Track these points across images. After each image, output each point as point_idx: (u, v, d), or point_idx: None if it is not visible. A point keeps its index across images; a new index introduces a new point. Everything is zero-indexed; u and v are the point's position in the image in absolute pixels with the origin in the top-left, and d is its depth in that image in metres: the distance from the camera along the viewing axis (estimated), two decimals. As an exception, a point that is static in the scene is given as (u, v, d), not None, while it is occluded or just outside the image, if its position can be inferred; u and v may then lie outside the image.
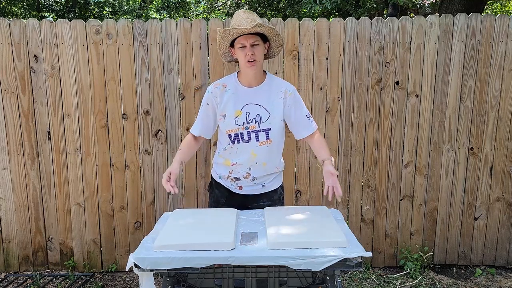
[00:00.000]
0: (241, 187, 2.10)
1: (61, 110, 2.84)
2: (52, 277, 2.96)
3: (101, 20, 2.81)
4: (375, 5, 6.15)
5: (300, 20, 2.80)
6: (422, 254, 3.01)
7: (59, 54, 2.78)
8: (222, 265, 1.56)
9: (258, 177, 2.07)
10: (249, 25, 1.83)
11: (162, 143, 2.90)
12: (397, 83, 2.87)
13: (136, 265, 1.44)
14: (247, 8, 9.42)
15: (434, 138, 2.94)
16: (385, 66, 2.85)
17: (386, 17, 3.06)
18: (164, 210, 2.93)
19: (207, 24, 2.80)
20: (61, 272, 3.01)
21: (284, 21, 2.79)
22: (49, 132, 2.87)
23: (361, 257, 1.44)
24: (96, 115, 2.85)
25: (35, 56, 2.78)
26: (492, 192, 3.01)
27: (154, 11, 11.55)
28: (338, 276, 1.62)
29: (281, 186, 2.19)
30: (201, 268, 1.44)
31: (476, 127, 2.93)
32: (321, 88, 2.86)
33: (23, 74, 2.80)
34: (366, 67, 2.84)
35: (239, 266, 1.65)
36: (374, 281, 2.90)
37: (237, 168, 2.05)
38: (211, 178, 2.22)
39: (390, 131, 2.93)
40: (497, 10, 10.05)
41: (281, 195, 2.20)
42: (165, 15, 11.18)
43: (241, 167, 2.04)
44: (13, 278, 2.93)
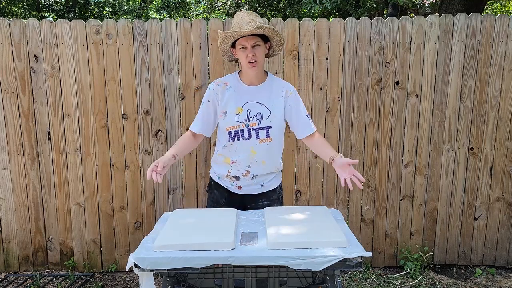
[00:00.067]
0: (240, 187, 2.10)
1: (61, 110, 2.84)
2: (52, 277, 2.96)
3: (101, 20, 2.81)
4: (375, 5, 6.15)
5: (300, 20, 2.80)
6: (422, 254, 3.01)
7: (59, 54, 2.78)
8: (222, 265, 1.55)
9: (257, 175, 2.07)
10: (250, 26, 1.85)
11: (162, 143, 2.90)
12: (397, 83, 2.87)
13: (136, 265, 1.44)
14: (247, 8, 9.42)
15: (434, 138, 2.94)
16: (385, 66, 2.85)
17: (386, 17, 3.06)
18: (164, 210, 2.94)
19: (207, 24, 2.80)
20: (61, 272, 3.01)
21: (284, 21, 2.79)
22: (49, 132, 2.87)
23: (361, 257, 1.44)
24: (96, 115, 2.85)
25: (35, 56, 2.78)
26: (492, 192, 3.01)
27: (154, 11, 11.55)
28: (338, 276, 1.62)
29: (280, 186, 2.20)
30: (201, 268, 1.44)
31: (476, 127, 2.93)
32: (321, 88, 2.86)
33: (23, 74, 2.80)
34: (366, 67, 2.84)
35: (239, 266, 1.65)
36: (374, 281, 2.90)
37: (236, 165, 2.05)
38: (210, 179, 2.22)
39: (390, 131, 2.93)
40: (497, 10, 10.05)
41: (280, 194, 2.20)
42: (165, 15, 11.18)
43: (241, 165, 2.04)
44: (13, 278, 2.93)
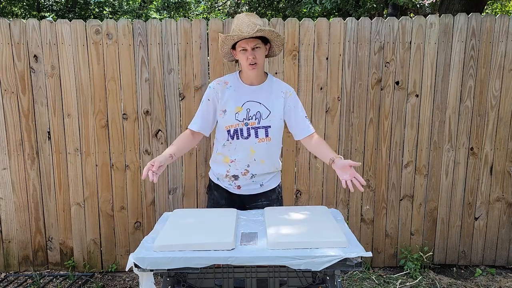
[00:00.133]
0: (239, 187, 2.11)
1: (61, 110, 2.84)
2: (52, 277, 2.96)
3: (101, 20, 2.81)
4: (375, 5, 6.15)
5: (300, 20, 2.80)
6: (422, 254, 3.01)
7: (59, 54, 2.78)
8: (222, 265, 1.55)
9: (256, 174, 2.07)
10: (250, 29, 1.87)
11: (162, 143, 2.90)
12: (397, 83, 2.87)
13: (136, 265, 1.44)
14: (247, 8, 9.42)
15: (434, 138, 2.94)
16: (385, 66, 2.85)
17: (386, 17, 3.06)
18: (164, 210, 2.93)
19: (207, 24, 2.80)
20: (61, 272, 3.01)
21: (284, 21, 2.79)
22: (49, 132, 2.87)
23: (361, 257, 1.44)
24: (96, 115, 2.85)
25: (35, 56, 2.78)
26: (492, 192, 3.01)
27: (154, 11, 11.55)
28: (338, 276, 1.62)
29: (279, 186, 2.20)
30: (201, 268, 1.44)
31: (476, 127, 2.93)
32: (321, 88, 2.86)
33: (23, 74, 2.80)
34: (366, 67, 2.84)
35: (239, 266, 1.65)
36: (374, 281, 2.90)
37: (235, 165, 2.06)
38: (209, 180, 2.23)
39: (390, 131, 2.93)
40: (497, 10, 10.05)
41: (280, 194, 2.20)
42: (165, 15, 11.18)
43: (240, 164, 2.05)
44: (13, 278, 2.93)
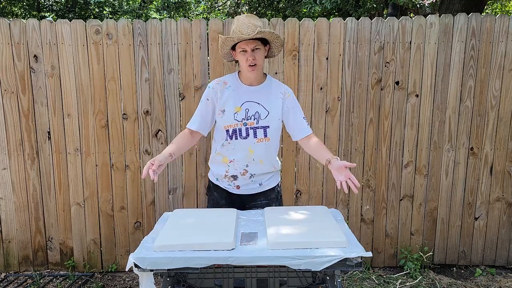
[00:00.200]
0: (238, 187, 2.11)
1: (61, 110, 2.84)
2: (52, 277, 2.96)
3: (101, 20, 2.81)
4: (375, 5, 6.15)
5: (300, 20, 2.80)
6: (422, 254, 3.01)
7: (59, 54, 2.78)
8: (222, 265, 1.55)
9: (255, 174, 2.08)
10: (251, 30, 1.88)
11: (162, 143, 2.90)
12: (397, 83, 2.87)
13: (136, 265, 1.44)
14: (247, 8, 9.41)
15: (434, 138, 2.94)
16: (385, 66, 2.85)
17: (386, 17, 3.06)
18: (164, 210, 2.93)
19: (207, 24, 2.80)
20: (61, 272, 3.01)
21: (284, 21, 2.79)
22: (49, 132, 2.87)
23: (361, 257, 1.44)
24: (96, 115, 2.85)
25: (35, 56, 2.78)
26: (492, 192, 3.01)
27: (154, 11, 11.55)
28: (338, 276, 1.62)
29: (278, 185, 2.21)
30: (201, 268, 1.44)
31: (476, 127, 2.93)
32: (321, 88, 2.86)
33: (23, 74, 2.80)
34: (366, 67, 2.84)
35: (239, 266, 1.65)
36: (374, 281, 2.90)
37: (234, 165, 2.06)
38: (209, 181, 2.24)
39: (390, 131, 2.93)
40: (497, 10, 10.05)
41: (279, 194, 2.21)
42: (165, 15, 11.17)
43: (239, 164, 2.06)
44: (13, 278, 2.93)
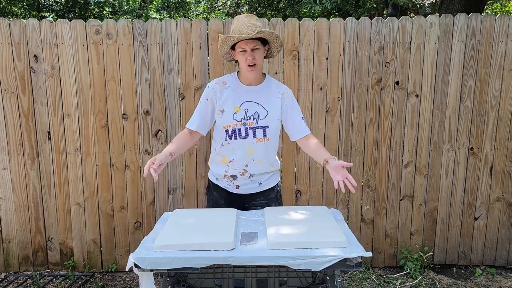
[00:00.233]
0: (238, 186, 2.12)
1: (61, 110, 2.84)
2: (52, 277, 2.96)
3: (101, 20, 2.81)
4: (375, 5, 6.15)
5: (300, 20, 2.80)
6: (422, 254, 3.01)
7: (59, 54, 2.78)
8: (222, 265, 1.55)
9: (254, 174, 2.09)
10: (250, 30, 1.88)
11: (162, 143, 2.90)
12: (397, 83, 2.87)
13: (136, 265, 1.44)
14: (247, 8, 9.41)
15: (434, 138, 2.94)
16: (385, 66, 2.85)
17: (386, 17, 3.06)
18: (164, 210, 2.93)
19: (207, 24, 2.80)
20: (61, 272, 3.01)
21: (284, 21, 2.79)
22: (49, 132, 2.87)
23: (361, 257, 1.44)
24: (96, 115, 2.85)
25: (35, 56, 2.78)
26: (492, 192, 3.01)
27: (154, 11, 11.54)
28: (338, 276, 1.62)
29: (278, 185, 2.21)
30: (201, 268, 1.44)
31: (476, 127, 2.93)
32: (321, 88, 2.86)
33: (23, 74, 2.80)
34: (366, 67, 2.84)
35: (239, 266, 1.65)
36: (374, 281, 2.90)
37: (233, 164, 2.07)
38: (208, 181, 2.24)
39: (390, 131, 2.93)
40: (497, 10, 10.05)
41: (278, 193, 2.21)
42: (165, 15, 11.17)
43: (238, 164, 2.06)
44: (13, 278, 2.93)
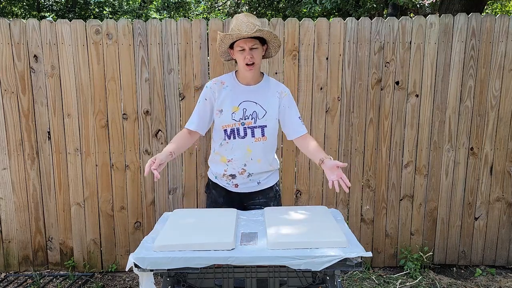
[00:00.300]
0: (236, 185, 2.13)
1: (61, 110, 2.84)
2: (52, 277, 2.96)
3: (101, 20, 2.81)
4: (375, 5, 6.15)
5: (300, 20, 2.80)
6: (422, 254, 3.01)
7: (59, 54, 2.78)
8: (222, 265, 1.55)
9: (253, 173, 2.10)
10: (249, 29, 1.89)
11: (162, 143, 2.90)
12: (397, 83, 2.87)
13: (136, 265, 1.44)
14: (247, 8, 9.41)
15: (434, 138, 2.94)
16: (385, 66, 2.85)
17: (386, 17, 3.06)
18: (164, 210, 2.93)
19: (207, 24, 2.80)
20: (61, 272, 3.01)
21: (284, 21, 2.79)
22: (49, 132, 2.87)
23: (361, 257, 1.44)
24: (96, 115, 2.85)
25: (35, 56, 2.78)
26: (492, 192, 3.01)
27: (154, 11, 11.54)
28: (338, 276, 1.62)
29: (276, 184, 2.22)
30: (201, 268, 1.44)
31: (476, 127, 2.93)
32: (321, 88, 2.86)
33: (23, 74, 2.80)
34: (366, 67, 2.84)
35: (239, 266, 1.65)
36: (374, 281, 2.90)
37: (232, 164, 2.08)
38: (208, 179, 2.25)
39: (390, 131, 2.93)
40: (497, 10, 10.05)
41: (277, 193, 2.22)
42: (165, 15, 11.17)
43: (237, 163, 2.07)
44: (13, 278, 2.93)
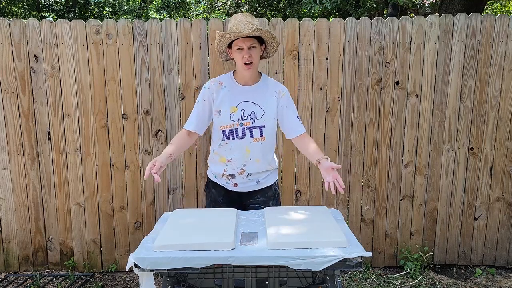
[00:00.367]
0: (236, 185, 2.13)
1: (61, 110, 2.84)
2: (52, 277, 2.96)
3: (101, 20, 2.81)
4: (375, 5, 6.15)
5: (300, 20, 2.80)
6: (422, 254, 3.01)
7: (59, 54, 2.78)
8: (222, 265, 1.55)
9: (252, 173, 2.11)
10: (248, 28, 1.89)
11: (162, 143, 2.90)
12: (397, 83, 2.87)
13: (136, 265, 1.44)
14: (247, 8, 9.42)
15: (434, 138, 2.94)
16: (385, 66, 2.85)
17: (386, 17, 3.06)
18: (164, 210, 2.93)
19: (207, 24, 2.80)
20: (61, 272, 3.01)
21: (284, 21, 2.79)
22: (49, 132, 2.87)
23: (361, 257, 1.44)
24: (96, 115, 2.85)
25: (35, 56, 2.78)
26: (492, 192, 3.01)
27: (154, 11, 11.55)
28: (338, 276, 1.62)
29: (276, 183, 2.23)
30: (201, 268, 1.44)
31: (476, 127, 2.93)
32: (321, 88, 2.86)
33: (23, 74, 2.80)
34: (366, 67, 2.84)
35: (239, 266, 1.65)
36: (374, 281, 2.90)
37: (232, 164, 2.09)
38: (207, 178, 2.26)
39: (390, 131, 2.93)
40: (497, 10, 10.05)
41: (276, 192, 2.23)
42: (165, 15, 11.17)
43: (236, 163, 2.08)
44: (13, 278, 2.93)
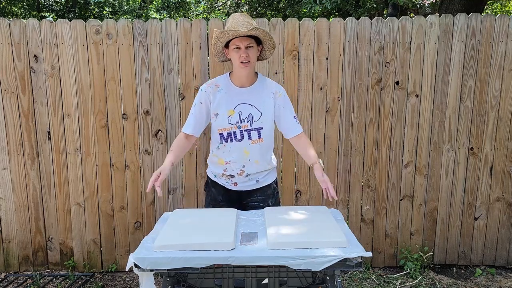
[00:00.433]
0: (235, 184, 2.15)
1: (61, 110, 2.84)
2: (52, 277, 2.96)
3: (101, 20, 2.81)
4: (375, 5, 6.15)
5: (300, 20, 2.80)
6: (422, 254, 3.01)
7: (59, 54, 2.78)
8: (222, 265, 1.55)
9: (251, 173, 2.12)
10: (245, 28, 1.90)
11: (162, 143, 2.90)
12: (397, 83, 2.87)
13: (136, 265, 1.44)
14: (247, 8, 9.42)
15: (434, 138, 2.94)
16: (385, 66, 2.85)
17: (386, 17, 3.06)
18: (164, 210, 2.94)
19: (207, 24, 2.80)
20: (61, 272, 3.01)
21: (284, 21, 2.79)
22: (49, 132, 2.87)
23: (361, 257, 1.44)
24: (96, 115, 2.85)
25: (35, 56, 2.78)
26: (492, 192, 3.01)
27: (154, 11, 11.54)
28: (338, 276, 1.62)
29: (274, 182, 2.24)
30: (201, 268, 1.44)
31: (476, 127, 2.93)
32: (321, 88, 2.86)
33: (23, 74, 2.80)
34: (366, 67, 2.84)
35: (239, 266, 1.65)
36: (374, 281, 2.90)
37: (231, 166, 2.10)
38: (207, 177, 2.27)
39: (390, 131, 2.93)
40: (497, 10, 10.05)
41: (275, 190, 2.24)
42: (165, 15, 11.18)
43: (235, 165, 2.10)
44: (13, 278, 2.93)
